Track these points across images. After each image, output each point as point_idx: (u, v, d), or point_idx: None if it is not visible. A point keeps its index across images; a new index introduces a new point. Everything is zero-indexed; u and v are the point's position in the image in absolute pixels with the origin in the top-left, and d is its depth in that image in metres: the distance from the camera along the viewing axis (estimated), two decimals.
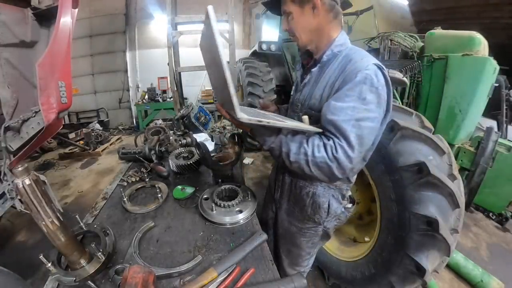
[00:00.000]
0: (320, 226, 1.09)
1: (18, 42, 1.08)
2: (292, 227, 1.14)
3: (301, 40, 0.93)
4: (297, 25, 0.90)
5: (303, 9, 0.87)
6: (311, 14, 0.87)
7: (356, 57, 0.83)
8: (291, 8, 0.88)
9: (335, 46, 0.90)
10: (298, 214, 1.11)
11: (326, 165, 0.77)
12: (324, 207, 1.04)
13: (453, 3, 5.81)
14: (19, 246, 2.32)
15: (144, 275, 0.62)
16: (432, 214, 1.19)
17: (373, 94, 0.76)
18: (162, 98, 6.51)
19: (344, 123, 0.76)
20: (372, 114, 0.78)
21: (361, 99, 0.76)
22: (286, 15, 0.91)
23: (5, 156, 1.10)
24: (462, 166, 2.10)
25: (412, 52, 2.46)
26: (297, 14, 0.88)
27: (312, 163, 0.78)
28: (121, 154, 1.68)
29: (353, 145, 0.76)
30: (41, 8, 1.05)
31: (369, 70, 0.77)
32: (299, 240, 1.14)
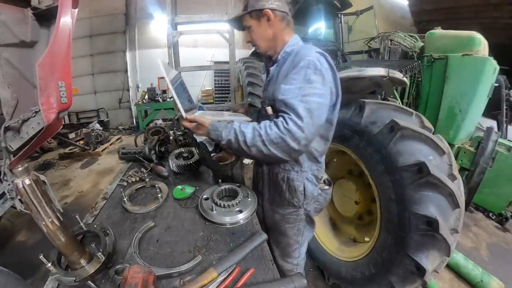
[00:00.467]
0: (301, 209, 1.18)
1: (18, 42, 1.08)
2: (276, 215, 1.23)
3: (261, 47, 1.10)
4: (256, 35, 1.07)
5: (260, 22, 1.03)
6: (267, 25, 1.03)
7: (303, 51, 0.98)
8: (250, 22, 1.05)
9: (288, 47, 1.06)
10: (278, 200, 1.20)
11: (281, 139, 0.85)
12: (300, 190, 1.13)
13: (453, 3, 5.81)
14: (19, 246, 2.32)
15: (144, 275, 0.62)
16: (432, 214, 1.19)
17: (317, 76, 0.88)
18: (162, 98, 6.51)
19: (292, 99, 0.87)
20: (318, 90, 0.88)
21: (306, 80, 0.88)
22: (247, 28, 1.07)
23: (5, 156, 1.10)
24: (462, 166, 2.10)
25: (412, 52, 2.46)
26: (255, 27, 1.04)
27: (268, 141, 0.86)
28: (121, 154, 1.68)
29: (302, 115, 0.84)
30: (41, 8, 1.05)
31: (311, 57, 0.91)
32: (284, 227, 1.22)
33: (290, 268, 1.31)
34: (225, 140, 0.93)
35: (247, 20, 1.05)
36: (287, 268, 1.31)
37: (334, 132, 1.10)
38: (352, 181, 1.88)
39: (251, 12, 1.03)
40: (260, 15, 1.02)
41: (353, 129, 1.56)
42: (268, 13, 1.01)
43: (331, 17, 3.60)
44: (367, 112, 1.51)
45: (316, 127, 0.89)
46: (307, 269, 2.02)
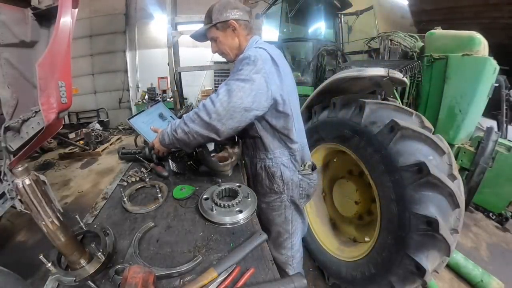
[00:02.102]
0: (283, 195, 1.23)
1: (18, 42, 1.08)
2: (262, 204, 1.28)
3: (230, 56, 1.18)
4: (224, 46, 1.15)
5: (225, 32, 1.12)
6: (232, 35, 1.12)
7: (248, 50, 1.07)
8: (216, 34, 1.13)
9: (245, 51, 1.10)
10: (261, 189, 1.26)
11: (196, 115, 0.98)
12: (277, 176, 1.20)
13: (453, 3, 5.81)
14: (19, 246, 2.32)
15: (144, 275, 0.62)
16: (432, 214, 1.19)
17: (247, 66, 0.96)
18: (162, 98, 6.52)
19: (220, 86, 0.99)
20: (243, 76, 0.95)
21: (237, 70, 0.98)
22: (213, 40, 1.16)
23: (5, 156, 1.10)
24: (462, 166, 2.10)
25: (412, 52, 2.46)
26: (222, 38, 1.13)
27: (187, 120, 1.00)
28: (121, 154, 1.68)
29: (219, 94, 0.96)
30: (41, 8, 1.05)
31: (247, 52, 1.02)
32: (272, 215, 1.28)
33: (285, 261, 1.34)
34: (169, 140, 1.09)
35: (213, 32, 1.13)
36: (281, 260, 1.34)
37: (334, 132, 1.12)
38: (352, 181, 1.88)
39: (216, 24, 1.10)
40: (225, 26, 1.11)
41: (353, 129, 1.56)
42: (233, 24, 1.10)
43: (331, 17, 3.60)
44: (367, 112, 1.51)
45: (234, 106, 0.95)
46: (307, 269, 2.02)
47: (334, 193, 2.05)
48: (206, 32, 1.14)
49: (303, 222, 1.39)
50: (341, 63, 3.34)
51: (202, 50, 7.00)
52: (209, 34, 1.15)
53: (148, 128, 1.55)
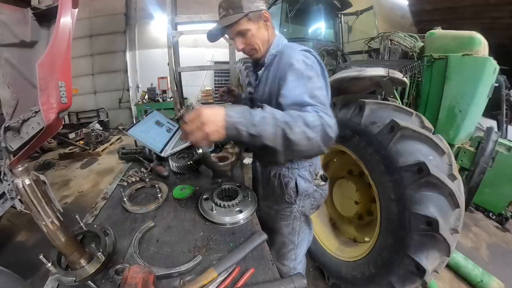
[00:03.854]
0: (294, 205, 1.16)
1: (18, 42, 1.08)
2: (270, 211, 1.22)
3: (260, 51, 1.05)
4: (256, 39, 1.02)
5: (258, 24, 1.00)
6: (264, 27, 1.02)
7: (287, 51, 0.97)
8: (248, 26, 0.98)
9: (273, 48, 1.05)
10: (271, 196, 1.20)
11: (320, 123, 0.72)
12: (291, 186, 1.12)
13: (453, 3, 5.81)
14: (19, 246, 2.32)
15: (144, 275, 0.62)
16: (432, 214, 1.19)
17: (310, 71, 0.88)
18: (162, 98, 6.52)
19: (303, 97, 0.80)
20: (319, 84, 0.88)
21: (304, 77, 0.86)
22: (241, 34, 1.00)
23: (5, 156, 1.10)
24: (462, 166, 2.10)
25: (412, 52, 2.46)
26: (255, 30, 0.99)
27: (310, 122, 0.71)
28: (121, 154, 1.68)
29: (321, 106, 0.80)
30: (41, 8, 1.05)
31: (299, 55, 0.91)
32: (279, 224, 1.21)
33: (286, 271, 1.28)
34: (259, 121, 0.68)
35: (244, 24, 0.97)
36: (283, 271, 1.28)
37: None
38: (352, 181, 1.88)
39: (249, 14, 0.96)
40: (258, 17, 0.99)
41: (353, 129, 1.56)
42: (266, 15, 1.01)
43: (331, 17, 3.60)
44: (367, 112, 1.51)
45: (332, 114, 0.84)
46: (307, 269, 2.02)
47: (334, 193, 2.05)
48: (235, 24, 0.96)
49: (310, 233, 1.32)
50: (341, 63, 3.34)
51: (202, 50, 7.01)
52: (237, 27, 0.97)
53: (147, 136, 1.57)
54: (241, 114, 0.69)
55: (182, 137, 1.01)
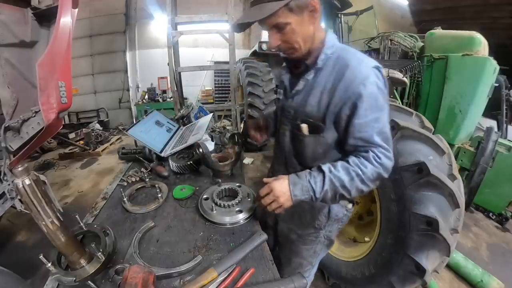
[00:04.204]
0: (321, 231, 1.06)
1: (18, 42, 1.08)
2: (292, 234, 1.10)
3: (300, 50, 0.82)
4: (297, 35, 0.79)
5: (302, 16, 0.77)
6: (309, 20, 0.79)
7: (353, 62, 0.79)
8: (288, 18, 0.75)
9: (328, 48, 0.84)
10: (297, 220, 1.07)
11: (377, 173, 0.79)
12: (324, 212, 1.01)
13: (453, 3, 5.81)
14: (19, 246, 2.32)
15: (144, 275, 0.62)
16: (432, 214, 1.19)
17: (381, 96, 0.79)
18: (162, 98, 6.51)
19: (372, 136, 0.79)
20: (386, 113, 0.81)
21: (378, 107, 0.78)
22: (277, 28, 0.78)
23: (5, 156, 1.10)
24: (462, 166, 2.10)
25: (412, 52, 2.46)
26: (296, 23, 0.77)
27: (366, 179, 0.79)
28: (121, 154, 1.68)
29: (387, 147, 0.80)
30: (41, 8, 1.05)
31: (372, 76, 0.77)
32: (300, 248, 1.10)
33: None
34: (321, 193, 0.81)
35: (283, 16, 0.75)
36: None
37: None
38: None
39: (290, 3, 0.73)
40: (303, 7, 0.76)
41: None
42: (314, 3, 0.77)
43: (331, 17, 3.60)
44: None
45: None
46: None
47: None
48: (271, 15, 0.74)
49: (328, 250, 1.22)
50: None
51: (202, 50, 7.02)
52: (273, 19, 0.76)
53: (147, 136, 1.57)
54: (305, 192, 0.82)
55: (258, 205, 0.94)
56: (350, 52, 0.84)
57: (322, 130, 0.86)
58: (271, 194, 0.84)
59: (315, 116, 0.86)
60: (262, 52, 3.96)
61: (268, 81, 3.74)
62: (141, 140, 1.50)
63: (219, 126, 5.63)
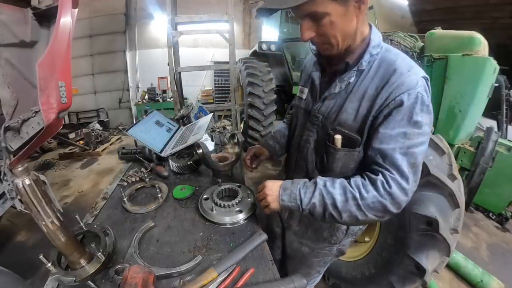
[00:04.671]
0: (336, 245, 1.02)
1: (18, 42, 1.08)
2: (304, 248, 1.05)
3: (338, 47, 0.70)
4: (336, 29, 0.66)
5: (346, 7, 0.64)
6: (353, 12, 0.66)
7: (402, 67, 0.68)
8: (328, 8, 0.63)
9: (373, 48, 0.72)
10: (312, 235, 1.01)
11: (380, 204, 0.67)
12: (342, 229, 0.95)
13: (453, 3, 5.81)
14: (19, 246, 2.32)
15: (144, 275, 0.62)
16: (432, 214, 1.19)
17: (424, 114, 0.66)
18: (162, 98, 6.52)
19: (394, 152, 0.66)
20: (425, 137, 0.67)
21: (413, 122, 0.65)
22: (313, 18, 0.66)
23: (5, 156, 1.10)
24: (462, 166, 2.10)
25: (412, 52, 2.46)
26: (337, 15, 0.64)
27: (364, 206, 0.68)
28: (121, 154, 1.68)
29: (407, 175, 0.66)
30: (41, 8, 1.05)
31: (421, 88, 0.66)
32: (311, 260, 1.06)
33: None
34: (308, 205, 0.74)
35: (322, 4, 0.62)
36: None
37: None
38: None
39: None
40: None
41: None
42: None
43: None
44: None
45: (417, 183, 0.70)
46: None
47: None
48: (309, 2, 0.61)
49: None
50: None
51: (202, 50, 7.02)
52: (310, 7, 0.63)
53: (147, 136, 1.57)
54: (292, 200, 0.77)
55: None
56: (397, 55, 0.72)
57: (358, 144, 0.74)
58: (262, 191, 0.83)
59: (350, 126, 0.74)
60: (262, 52, 3.96)
61: (268, 81, 3.74)
62: (141, 140, 1.50)
63: (219, 126, 5.63)
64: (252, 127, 3.59)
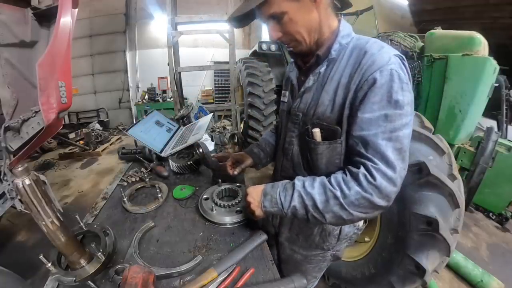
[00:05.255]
0: (329, 251, 0.98)
1: (18, 42, 1.08)
2: (296, 255, 1.01)
3: (305, 42, 0.73)
4: (297, 25, 0.69)
5: (299, 2, 0.67)
6: (311, 5, 0.68)
7: (373, 48, 0.67)
8: (284, 6, 0.66)
9: (342, 37, 0.72)
10: (303, 242, 0.97)
11: (365, 200, 0.62)
12: (334, 234, 0.91)
13: (453, 3, 5.81)
14: (19, 246, 2.32)
15: (144, 275, 0.62)
16: (432, 214, 1.19)
17: (404, 92, 0.62)
18: (162, 98, 6.53)
19: (376, 138, 0.62)
20: (408, 118, 0.63)
21: (393, 102, 0.61)
22: (276, 19, 0.70)
23: (5, 156, 1.10)
24: (462, 166, 2.10)
25: (412, 52, 2.46)
26: (294, 11, 0.67)
27: (348, 204, 0.64)
28: (121, 154, 1.68)
29: (393, 163, 0.61)
30: (41, 8, 1.05)
31: (394, 64, 0.62)
32: (305, 267, 1.02)
33: None
34: (288, 208, 0.71)
35: (277, 5, 0.66)
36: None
37: None
38: None
39: None
40: None
41: None
42: None
43: None
44: None
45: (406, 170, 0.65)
46: None
47: None
48: (263, 5, 0.67)
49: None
50: None
51: (202, 50, 7.02)
52: (267, 9, 0.68)
53: (147, 136, 1.57)
54: (274, 205, 0.74)
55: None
56: (368, 39, 0.72)
57: (338, 135, 0.72)
58: (245, 199, 0.82)
59: (329, 118, 0.73)
60: (262, 52, 3.95)
61: (268, 81, 3.73)
62: (141, 140, 1.50)
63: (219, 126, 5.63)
64: (252, 127, 3.59)
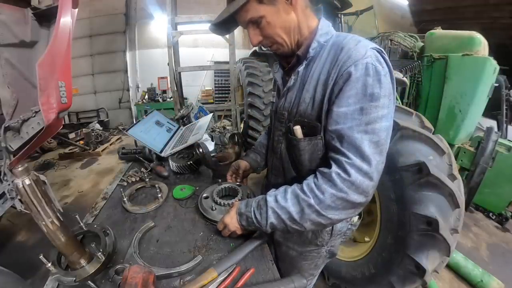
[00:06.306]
0: (324, 247, 0.98)
1: (18, 42, 1.08)
2: (291, 251, 1.02)
3: (286, 44, 0.75)
4: (274, 28, 0.71)
5: (275, 6, 0.68)
6: (287, 8, 0.70)
7: (349, 43, 0.67)
8: (260, 11, 0.68)
9: (320, 36, 0.73)
10: (297, 238, 0.98)
11: (342, 200, 0.62)
12: (327, 230, 0.92)
13: (453, 3, 5.82)
14: (19, 246, 2.32)
15: (144, 275, 0.62)
16: (432, 214, 1.19)
17: (382, 85, 0.62)
18: (162, 98, 6.52)
19: (351, 131, 0.61)
20: (386, 110, 0.62)
21: (368, 95, 0.61)
22: (254, 24, 0.72)
23: (5, 156, 1.10)
24: (462, 166, 2.11)
25: (412, 52, 2.46)
26: (271, 15, 0.69)
27: (324, 209, 0.63)
28: (121, 154, 1.68)
29: (369, 157, 0.60)
30: (41, 8, 1.05)
31: (370, 58, 0.62)
32: (300, 263, 1.03)
33: None
34: (267, 226, 0.73)
35: (254, 10, 0.69)
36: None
37: None
38: None
39: None
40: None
41: None
42: None
43: (331, 17, 3.60)
44: None
45: (384, 164, 0.65)
46: None
47: None
48: (240, 11, 0.69)
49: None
50: None
51: (202, 50, 7.02)
52: (245, 15, 0.70)
53: (147, 136, 1.57)
54: (251, 224, 0.77)
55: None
56: (347, 36, 0.72)
57: (318, 130, 0.73)
58: (221, 222, 0.85)
59: (310, 115, 0.74)
60: (262, 52, 3.95)
61: (268, 81, 3.73)
62: (141, 140, 1.50)
63: (219, 126, 5.63)
64: (252, 127, 3.59)
